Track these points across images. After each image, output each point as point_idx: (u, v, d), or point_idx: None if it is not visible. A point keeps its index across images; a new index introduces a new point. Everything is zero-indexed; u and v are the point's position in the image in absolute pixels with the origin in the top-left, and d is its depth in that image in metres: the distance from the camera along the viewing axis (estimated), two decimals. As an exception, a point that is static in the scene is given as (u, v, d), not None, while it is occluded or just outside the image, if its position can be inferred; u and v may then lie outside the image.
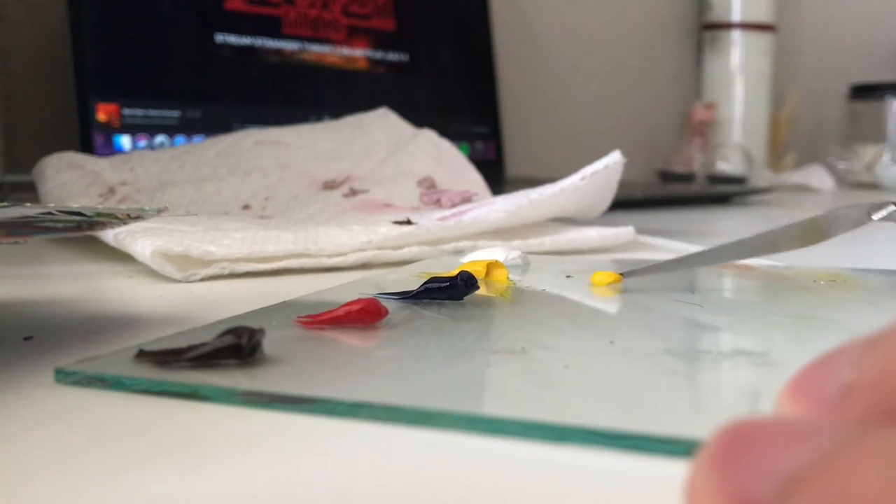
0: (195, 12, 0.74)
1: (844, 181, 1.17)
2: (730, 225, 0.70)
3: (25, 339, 0.25)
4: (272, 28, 0.78)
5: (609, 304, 0.30)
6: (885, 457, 0.08)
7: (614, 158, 0.48)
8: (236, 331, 0.20)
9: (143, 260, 0.36)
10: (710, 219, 0.72)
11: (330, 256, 0.38)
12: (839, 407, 0.11)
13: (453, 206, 0.51)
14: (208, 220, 0.43)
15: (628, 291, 0.31)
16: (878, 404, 0.10)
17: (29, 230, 0.26)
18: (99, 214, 0.27)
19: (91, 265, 0.39)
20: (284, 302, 0.28)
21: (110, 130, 0.68)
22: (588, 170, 0.47)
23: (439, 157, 0.61)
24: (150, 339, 0.22)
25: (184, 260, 0.36)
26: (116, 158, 0.56)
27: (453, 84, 0.91)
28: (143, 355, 0.20)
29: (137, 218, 0.28)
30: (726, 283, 0.34)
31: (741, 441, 0.10)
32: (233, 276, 0.37)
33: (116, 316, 0.29)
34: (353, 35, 0.83)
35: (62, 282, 0.36)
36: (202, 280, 0.36)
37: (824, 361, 0.11)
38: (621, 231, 0.47)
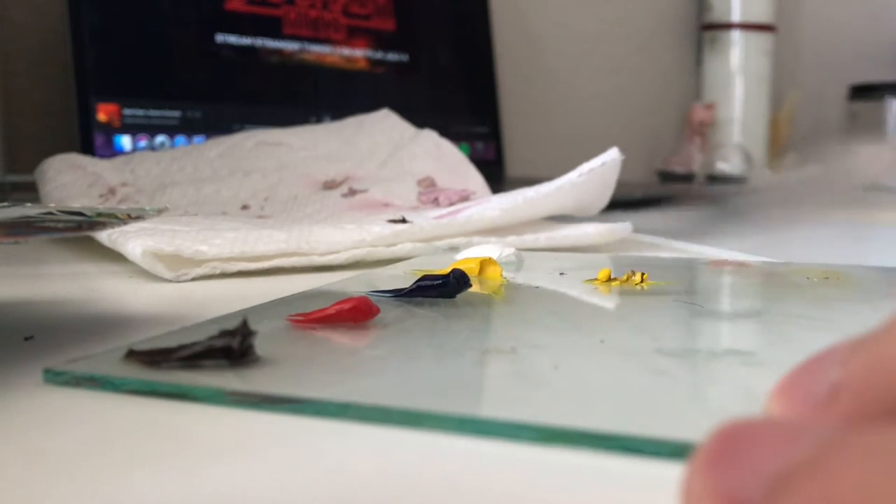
0: (195, 12, 0.74)
1: (845, 181, 1.17)
2: (729, 224, 0.70)
3: (26, 339, 0.25)
4: (272, 28, 0.78)
5: (602, 302, 0.30)
6: (872, 457, 0.08)
7: (612, 155, 0.47)
8: (228, 332, 0.20)
9: (134, 260, 0.36)
10: (710, 219, 0.72)
11: (322, 255, 0.38)
12: (827, 407, 0.11)
13: (451, 204, 0.51)
14: (203, 220, 0.43)
15: (626, 294, 0.31)
16: (865, 404, 0.10)
17: (29, 230, 0.26)
18: (99, 215, 0.27)
19: (91, 265, 0.40)
20: (276, 301, 0.28)
21: (111, 130, 0.68)
22: (585, 167, 0.47)
23: (440, 157, 0.61)
24: (150, 338, 0.22)
25: (175, 260, 0.36)
26: (118, 160, 0.57)
27: (453, 84, 0.91)
28: (132, 355, 0.20)
29: (138, 218, 0.28)
30: (721, 281, 0.34)
31: (735, 442, 0.10)
32: (231, 275, 0.37)
33: (116, 316, 0.29)
34: (353, 35, 0.83)
35: (62, 282, 0.36)
36: (199, 279, 0.36)
37: (813, 362, 0.11)
38: (618, 227, 0.46)
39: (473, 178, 0.59)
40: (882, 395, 0.10)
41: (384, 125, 0.65)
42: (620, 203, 0.56)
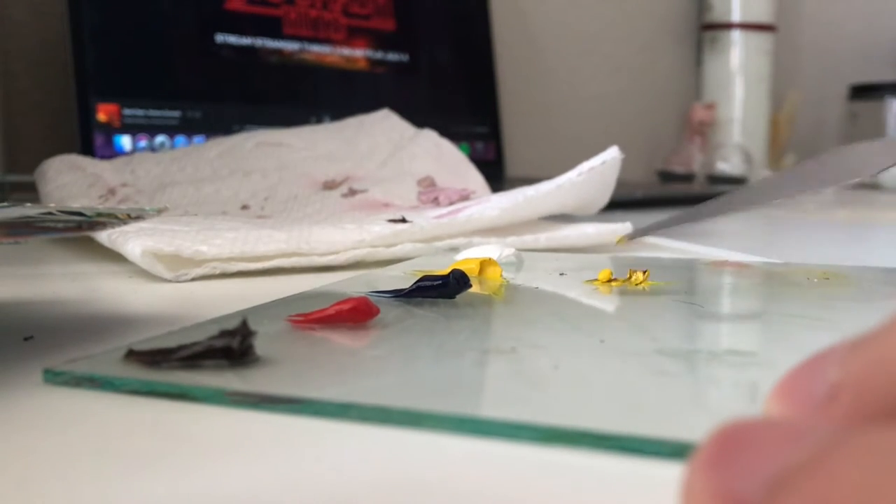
0: (195, 12, 0.74)
1: (845, 181, 1.17)
2: (730, 225, 0.70)
3: (26, 339, 0.25)
4: (272, 28, 0.78)
5: (602, 302, 0.30)
6: (871, 457, 0.08)
7: (612, 154, 0.47)
8: (228, 332, 0.20)
9: (133, 260, 0.36)
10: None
11: (322, 255, 0.38)
12: (827, 407, 0.11)
13: (451, 203, 0.51)
14: (203, 220, 0.43)
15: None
16: (864, 405, 0.10)
17: (29, 230, 0.26)
18: (99, 215, 0.27)
19: (91, 265, 0.40)
20: (276, 301, 0.28)
21: (110, 131, 0.68)
22: (585, 166, 0.47)
23: (440, 157, 0.61)
24: (150, 338, 0.22)
25: (175, 260, 0.36)
26: (118, 160, 0.57)
27: (453, 84, 0.91)
28: (132, 355, 0.20)
29: (138, 218, 0.28)
30: (721, 281, 0.34)
31: (735, 442, 0.10)
32: (231, 275, 0.37)
33: (117, 316, 0.29)
34: (353, 35, 0.83)
35: (62, 282, 0.36)
36: (199, 279, 0.36)
37: (812, 363, 0.11)
38: (618, 227, 0.47)
39: (473, 178, 0.59)
40: (881, 395, 0.10)
41: (384, 125, 0.65)
42: (620, 203, 0.56)
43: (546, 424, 0.16)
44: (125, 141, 0.69)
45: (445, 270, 0.29)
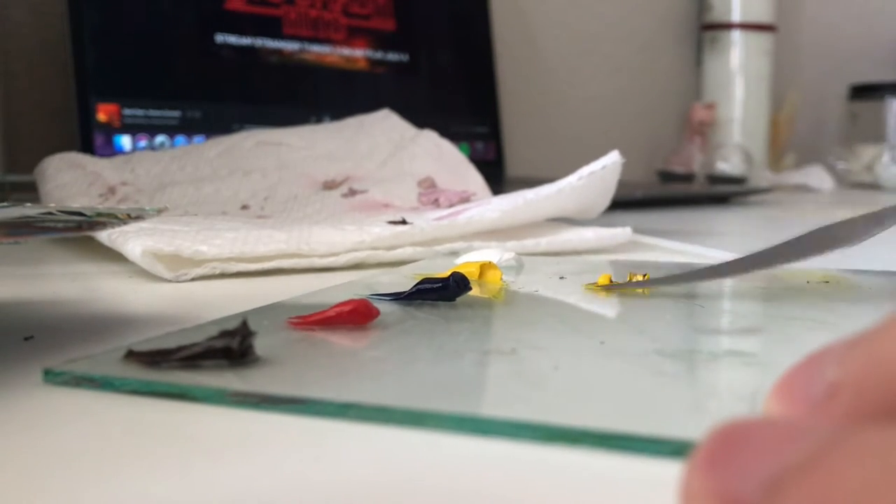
0: (195, 12, 0.74)
1: (844, 181, 1.17)
2: (729, 225, 0.70)
3: (26, 339, 0.25)
4: (272, 28, 0.78)
5: (601, 305, 0.30)
6: (869, 456, 0.08)
7: (612, 158, 0.48)
8: (228, 332, 0.20)
9: (133, 259, 0.36)
10: (709, 219, 0.72)
11: (322, 256, 0.38)
12: (825, 407, 0.11)
13: (451, 205, 0.51)
14: (203, 220, 0.43)
15: (624, 295, 0.31)
16: (862, 403, 0.10)
17: (29, 230, 0.26)
18: (99, 214, 0.27)
19: (91, 265, 0.40)
20: (276, 303, 0.28)
21: (110, 130, 0.69)
22: (586, 170, 0.47)
23: (440, 157, 0.61)
24: (149, 338, 0.22)
25: (175, 260, 0.36)
26: (117, 159, 0.57)
27: (453, 84, 0.91)
28: (132, 355, 0.20)
29: (138, 218, 0.28)
30: (721, 283, 0.34)
31: (733, 442, 0.10)
32: (230, 275, 0.37)
33: (116, 316, 0.29)
34: (353, 35, 0.83)
35: (62, 282, 0.36)
36: (198, 280, 0.36)
37: (810, 362, 0.11)
38: (618, 232, 0.47)
39: (473, 179, 0.59)
40: (880, 393, 0.10)
41: (384, 125, 0.65)
42: (620, 203, 0.57)
43: (546, 424, 0.16)
44: (125, 141, 0.69)
45: (446, 273, 0.29)
